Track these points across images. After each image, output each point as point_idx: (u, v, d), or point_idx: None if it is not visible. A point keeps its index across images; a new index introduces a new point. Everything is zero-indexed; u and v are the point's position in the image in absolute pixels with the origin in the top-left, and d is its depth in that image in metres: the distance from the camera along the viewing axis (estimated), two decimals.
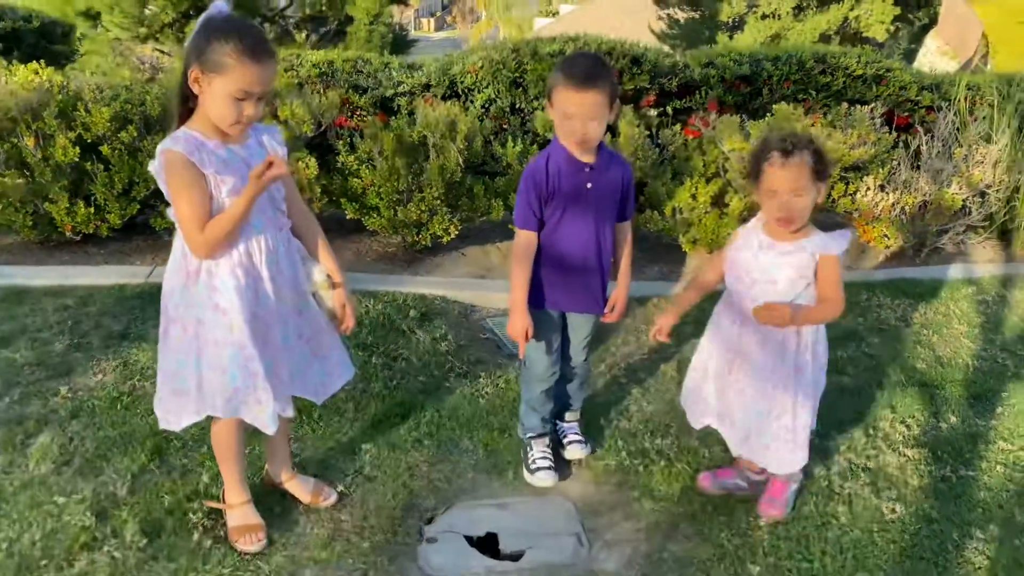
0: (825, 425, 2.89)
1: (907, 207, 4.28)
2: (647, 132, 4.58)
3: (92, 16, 15.00)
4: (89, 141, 3.87)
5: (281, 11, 17.52)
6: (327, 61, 5.25)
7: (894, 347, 3.53)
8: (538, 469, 2.57)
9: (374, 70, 5.30)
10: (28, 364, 3.07)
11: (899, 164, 4.41)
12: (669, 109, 5.03)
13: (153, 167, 1.94)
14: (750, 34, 24.11)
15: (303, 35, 16.81)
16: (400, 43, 18.17)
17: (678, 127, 4.53)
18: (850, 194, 4.35)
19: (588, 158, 2.33)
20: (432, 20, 68.58)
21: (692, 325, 2.93)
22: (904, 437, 2.84)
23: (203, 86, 1.87)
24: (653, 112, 5.00)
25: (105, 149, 3.85)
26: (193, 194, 1.89)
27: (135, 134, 3.85)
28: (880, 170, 4.31)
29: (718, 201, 4.26)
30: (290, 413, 2.15)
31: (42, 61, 4.17)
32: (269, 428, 2.10)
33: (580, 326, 2.58)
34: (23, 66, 4.01)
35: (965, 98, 4.78)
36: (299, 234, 2.17)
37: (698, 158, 4.33)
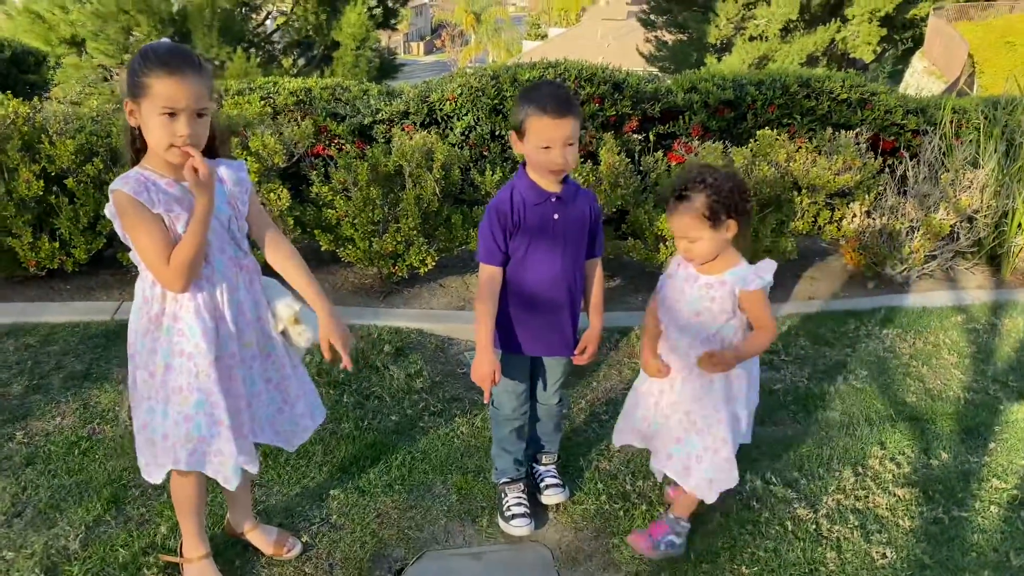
0: (812, 464, 2.79)
1: (894, 233, 4.21)
2: (628, 159, 4.50)
3: (77, 43, 15.00)
4: (54, 174, 3.76)
5: (267, 36, 17.54)
6: (304, 89, 5.18)
7: (883, 379, 3.43)
8: (513, 516, 2.46)
9: (352, 97, 5.22)
10: None
11: (885, 189, 4.34)
12: (652, 135, 4.97)
13: (108, 210, 1.86)
14: (738, 56, 24.32)
15: (289, 61, 16.82)
16: (387, 68, 18.18)
17: (660, 153, 4.45)
18: (836, 221, 4.27)
19: (555, 188, 2.24)
20: (421, 44, 69.06)
21: None
22: (895, 476, 2.74)
23: (137, 117, 1.80)
24: (636, 137, 4.93)
25: (70, 182, 3.74)
26: (151, 229, 1.81)
27: (101, 166, 3.74)
28: (866, 196, 4.24)
29: None
30: (254, 468, 2.04)
31: (9, 92, 4.07)
32: (231, 483, 1.99)
33: (551, 368, 2.48)
34: None
35: (951, 121, 4.73)
36: (275, 264, 2.08)
37: None
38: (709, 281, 2.16)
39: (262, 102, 4.91)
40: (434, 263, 4.11)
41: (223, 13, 14.77)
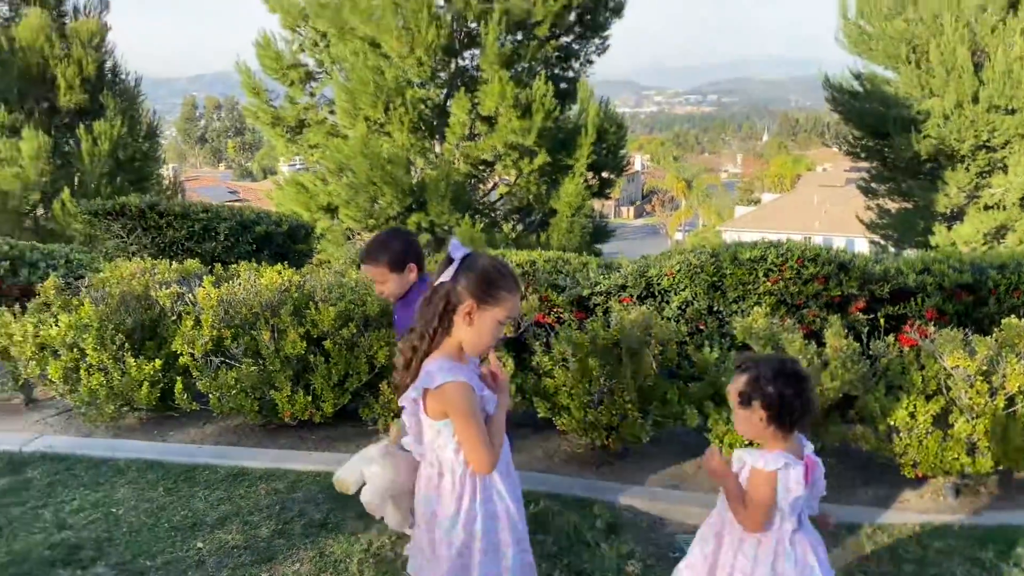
0: None
1: None
2: (856, 342, 4.33)
3: (331, 210, 17.08)
4: (315, 336, 4.27)
5: (491, 204, 19.01)
6: (529, 261, 5.56)
7: None
8: None
9: (573, 270, 5.52)
10: (237, 547, 3.26)
11: None
12: (881, 316, 4.77)
13: (446, 400, 2.06)
14: (971, 226, 22.83)
15: (509, 226, 18.04)
16: (600, 233, 18.93)
17: (891, 338, 4.25)
18: None
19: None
20: (632, 208, 71.42)
21: None
22: None
23: (474, 318, 2.07)
24: (863, 318, 4.76)
25: (328, 344, 4.22)
26: (480, 418, 2.07)
27: (355, 330, 4.21)
28: None
29: (940, 421, 3.87)
30: None
31: (285, 263, 4.74)
32: None
33: None
34: (270, 268, 4.59)
35: None
36: None
37: (916, 372, 4.01)
38: (742, 454, 2.32)
39: None
40: (648, 438, 4.11)
41: (455, 185, 16.29)
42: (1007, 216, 22.42)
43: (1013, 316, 4.20)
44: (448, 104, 17.11)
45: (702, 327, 4.96)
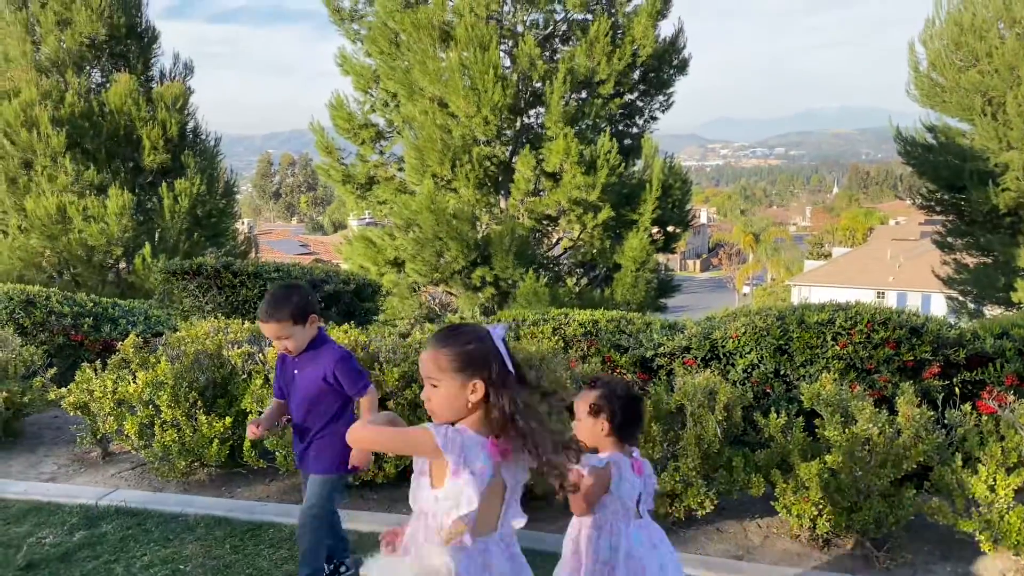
0: None
1: None
2: (931, 409, 4.18)
3: (398, 264, 17.43)
4: (380, 396, 4.34)
5: (555, 258, 19.11)
6: (592, 320, 5.56)
7: None
8: None
9: (636, 330, 5.49)
10: None
11: None
12: (956, 382, 4.60)
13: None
14: None
15: (573, 280, 18.08)
16: (665, 288, 18.79)
17: (968, 407, 4.09)
18: None
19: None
20: (698, 261, 70.74)
21: None
22: None
23: (478, 391, 2.02)
24: (937, 384, 4.60)
25: (392, 404, 4.28)
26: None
27: (417, 391, 4.26)
28: None
29: (1021, 497, 3.69)
30: None
31: (352, 321, 4.85)
32: None
33: None
34: (336, 327, 4.70)
35: None
36: None
37: (995, 443, 3.84)
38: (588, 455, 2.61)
39: (554, 334, 5.34)
40: (713, 506, 4.02)
41: (519, 239, 16.47)
42: None
43: None
44: (513, 160, 17.41)
45: (768, 391, 4.87)
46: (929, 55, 23.74)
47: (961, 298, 26.26)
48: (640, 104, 18.64)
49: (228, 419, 4.58)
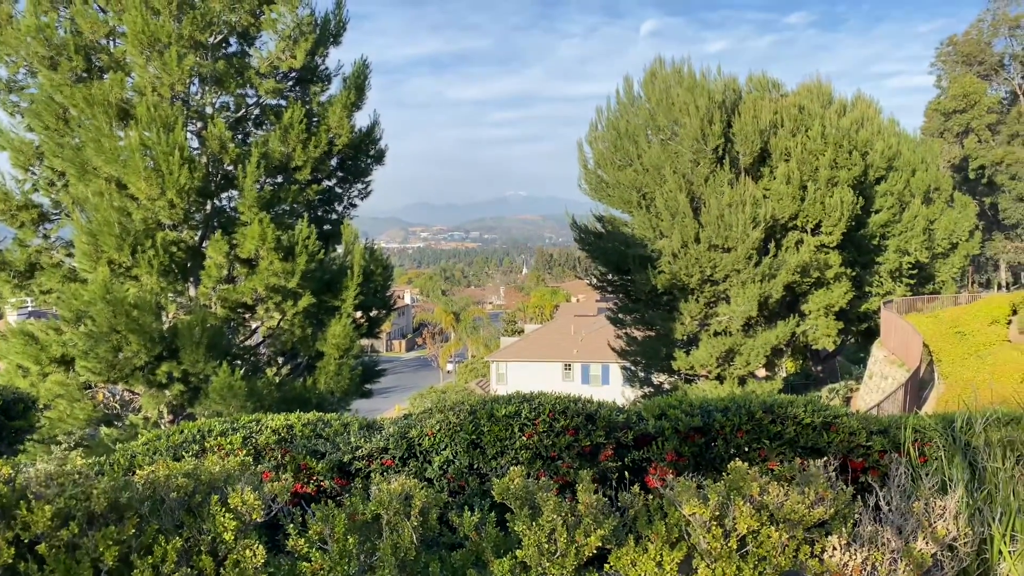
0: None
1: (877, 565, 4.15)
2: (607, 490, 4.54)
3: (67, 362, 15.45)
4: (26, 540, 3.70)
5: (254, 348, 18.22)
6: (286, 426, 5.32)
7: None
8: None
9: (333, 432, 5.35)
10: None
11: (861, 517, 4.35)
12: (628, 460, 5.06)
13: None
14: (705, 350, 25.44)
15: (273, 371, 17.33)
16: (370, 373, 18.70)
17: (636, 488, 4.50)
18: (816, 555, 4.23)
19: None
20: (403, 341, 71.79)
21: None
22: None
23: None
24: (612, 465, 5.02)
25: (42, 548, 3.67)
26: None
27: (76, 531, 3.70)
28: (843, 527, 4.25)
29: (685, 566, 4.11)
30: None
31: None
32: None
33: None
34: None
35: (914, 443, 4.88)
36: None
37: (659, 522, 4.25)
38: None
39: (244, 444, 5.01)
40: None
41: (212, 330, 15.45)
42: (733, 341, 25.26)
43: (738, 459, 4.64)
44: (204, 246, 16.43)
45: (463, 486, 4.97)
46: (595, 155, 26.91)
47: (633, 368, 29.47)
48: (339, 191, 18.71)
49: None
